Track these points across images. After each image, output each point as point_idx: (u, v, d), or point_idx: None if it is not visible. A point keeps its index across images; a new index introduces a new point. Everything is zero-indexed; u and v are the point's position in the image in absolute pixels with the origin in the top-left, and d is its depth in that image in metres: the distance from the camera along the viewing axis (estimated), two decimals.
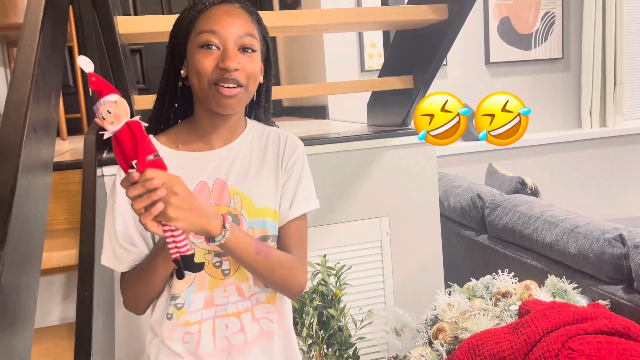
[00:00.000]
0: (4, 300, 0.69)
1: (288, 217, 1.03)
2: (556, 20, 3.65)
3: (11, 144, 0.85)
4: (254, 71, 0.97)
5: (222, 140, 1.03)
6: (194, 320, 0.98)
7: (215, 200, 0.99)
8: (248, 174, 1.01)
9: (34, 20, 1.09)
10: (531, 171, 3.28)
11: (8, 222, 0.74)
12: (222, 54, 0.94)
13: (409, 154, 2.02)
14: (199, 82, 0.95)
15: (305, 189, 1.06)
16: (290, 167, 1.04)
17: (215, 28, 0.94)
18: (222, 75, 0.93)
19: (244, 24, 0.96)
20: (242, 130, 1.06)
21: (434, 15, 1.70)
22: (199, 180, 0.99)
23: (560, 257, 1.85)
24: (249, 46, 0.95)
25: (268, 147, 1.05)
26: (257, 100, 1.09)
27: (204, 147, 1.02)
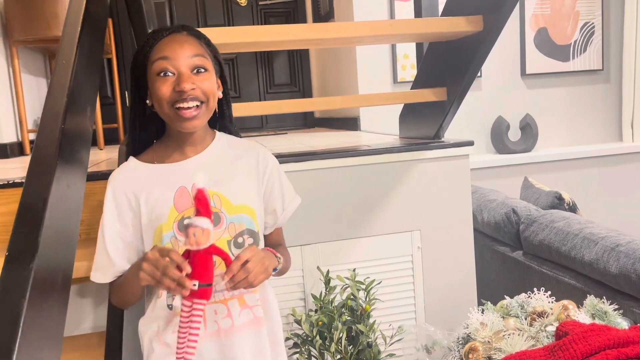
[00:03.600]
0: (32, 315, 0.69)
1: (285, 219, 1.24)
2: (596, 30, 3.55)
3: (46, 156, 0.86)
4: (210, 88, 1.07)
5: (194, 150, 1.15)
6: None
7: None
8: (223, 177, 1.13)
9: (71, 33, 1.11)
10: (569, 186, 3.19)
11: (39, 235, 0.75)
12: (177, 78, 1.04)
13: (441, 167, 1.99)
14: (160, 107, 1.07)
15: (288, 191, 1.23)
16: (269, 177, 1.19)
17: (166, 54, 1.05)
18: (180, 97, 1.04)
19: (193, 47, 1.07)
20: (210, 140, 1.18)
21: (469, 27, 1.67)
22: (178, 185, 1.10)
23: (600, 277, 1.78)
24: (201, 65, 1.07)
25: (240, 155, 1.18)
26: (221, 113, 1.20)
27: (178, 157, 1.14)
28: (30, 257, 0.72)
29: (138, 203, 1.09)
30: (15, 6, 2.72)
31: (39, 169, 0.84)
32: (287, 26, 1.60)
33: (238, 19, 3.99)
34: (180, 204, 1.09)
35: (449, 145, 1.98)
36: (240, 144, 1.22)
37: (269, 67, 4.09)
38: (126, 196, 1.10)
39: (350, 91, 3.31)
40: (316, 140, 2.59)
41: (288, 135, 3.31)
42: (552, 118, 3.60)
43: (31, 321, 0.69)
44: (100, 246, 1.11)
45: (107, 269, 1.11)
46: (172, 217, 1.08)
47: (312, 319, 1.67)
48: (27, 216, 0.78)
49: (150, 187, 1.10)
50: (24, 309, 0.68)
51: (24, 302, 0.69)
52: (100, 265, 1.12)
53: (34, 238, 0.74)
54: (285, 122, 4.12)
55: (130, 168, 1.15)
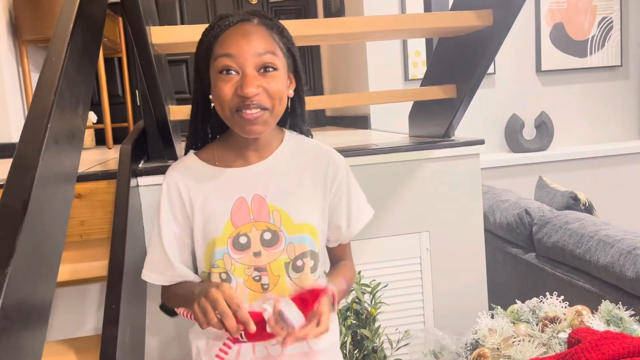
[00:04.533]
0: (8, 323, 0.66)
1: (350, 235, 1.10)
2: (614, 25, 3.45)
3: (28, 156, 0.83)
4: (277, 91, 0.94)
5: (258, 155, 1.03)
6: None
7: (254, 216, 1.00)
8: (287, 190, 1.01)
9: (63, 31, 1.08)
10: (585, 186, 3.09)
11: (17, 237, 0.72)
12: (241, 79, 0.92)
13: (451, 166, 1.93)
14: (221, 109, 0.96)
15: (358, 204, 1.09)
16: (337, 189, 1.05)
17: (231, 51, 0.92)
18: (243, 102, 0.92)
19: (262, 42, 0.94)
20: (278, 144, 1.05)
21: (478, 21, 1.61)
22: (237, 196, 1.00)
23: (616, 281, 1.71)
24: (270, 65, 0.93)
25: (308, 162, 1.05)
26: (292, 110, 1.07)
27: (240, 163, 1.03)
28: (4, 262, 0.69)
29: (192, 210, 1.00)
30: (24, 6, 2.72)
31: (20, 170, 0.81)
32: (290, 22, 1.55)
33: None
34: (238, 218, 0.99)
35: (458, 144, 1.92)
36: (310, 147, 1.08)
37: None
38: (181, 197, 1.01)
39: (360, 89, 3.26)
40: (325, 139, 2.55)
41: None
42: (569, 116, 3.51)
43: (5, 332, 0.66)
44: (157, 246, 1.01)
45: (165, 271, 1.02)
46: (228, 233, 0.99)
47: None
48: (5, 219, 0.75)
49: (207, 194, 1.01)
50: None
51: None
52: (157, 266, 1.03)
53: (10, 242, 0.71)
54: None
55: (188, 166, 1.04)
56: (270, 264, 1.00)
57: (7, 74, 2.70)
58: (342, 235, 1.09)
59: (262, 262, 1.00)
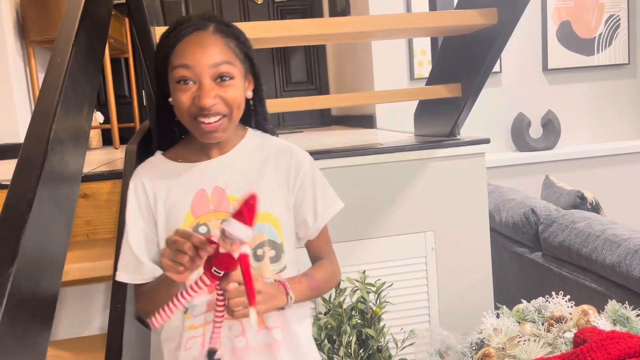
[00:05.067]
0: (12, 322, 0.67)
1: (317, 229, 1.10)
2: (621, 23, 3.43)
3: (33, 157, 0.84)
4: (234, 99, 0.97)
5: (219, 151, 1.05)
6: (199, 324, 1.01)
7: (214, 206, 1.02)
8: (248, 181, 1.03)
9: (68, 32, 1.09)
10: (592, 185, 3.07)
11: (21, 237, 0.72)
12: (198, 91, 0.94)
13: (456, 165, 1.93)
14: (180, 115, 0.98)
15: (324, 198, 1.09)
16: (301, 184, 1.06)
17: (187, 62, 0.94)
18: (201, 112, 0.94)
19: (219, 52, 0.95)
20: (239, 140, 1.08)
21: (483, 20, 1.61)
22: (198, 188, 1.02)
23: (623, 280, 1.70)
24: (226, 74, 0.95)
25: (270, 157, 1.07)
26: (255, 110, 1.09)
27: (201, 158, 1.05)
28: (9, 262, 0.70)
29: (156, 204, 1.03)
30: (31, 7, 2.74)
31: (25, 171, 0.81)
32: (294, 21, 1.56)
33: (254, 16, 3.97)
34: (198, 209, 1.01)
35: (464, 143, 1.91)
36: (273, 144, 1.10)
37: (285, 65, 4.06)
38: (146, 193, 1.03)
39: (366, 89, 3.26)
40: (331, 139, 2.55)
41: (304, 133, 3.28)
42: (576, 114, 3.49)
43: (8, 331, 0.66)
44: (125, 245, 1.03)
45: (136, 269, 1.02)
46: (188, 223, 1.01)
47: (321, 322, 1.63)
48: (9, 219, 0.75)
49: (169, 188, 1.03)
50: (0, 316, 0.66)
51: (0, 309, 0.66)
52: (127, 265, 1.03)
53: (14, 242, 0.72)
54: (302, 121, 4.09)
55: (154, 164, 1.07)
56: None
57: (14, 75, 2.72)
58: (309, 230, 1.09)
59: None
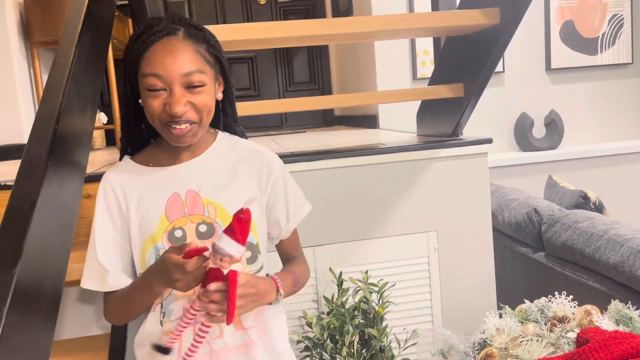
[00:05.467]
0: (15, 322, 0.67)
1: (289, 230, 1.13)
2: (625, 23, 3.42)
3: (36, 157, 0.84)
4: (205, 104, 0.97)
5: (190, 154, 1.06)
6: None
7: (189, 210, 1.02)
8: (221, 184, 1.04)
9: (71, 33, 1.09)
10: (595, 184, 3.07)
11: (25, 238, 0.73)
12: (169, 98, 0.94)
13: (459, 165, 1.93)
14: (152, 120, 0.98)
15: (295, 200, 1.12)
16: (273, 186, 1.09)
17: (158, 71, 0.93)
18: (172, 119, 0.95)
19: (189, 60, 0.95)
20: (210, 143, 1.08)
21: (485, 19, 1.61)
22: (171, 192, 1.02)
23: (626, 280, 1.70)
24: (197, 83, 0.95)
25: (241, 159, 1.09)
26: (223, 112, 1.10)
27: (173, 161, 1.05)
28: (12, 262, 0.70)
29: (128, 210, 1.02)
30: (35, 8, 2.75)
31: (29, 171, 0.82)
32: (297, 22, 1.56)
33: (257, 17, 3.97)
34: (172, 213, 1.01)
35: (466, 143, 1.91)
36: (244, 146, 1.12)
37: (288, 65, 4.07)
38: (117, 200, 1.03)
39: (369, 89, 3.26)
40: (333, 139, 2.55)
41: (306, 133, 3.28)
42: (579, 114, 3.48)
43: (12, 331, 0.67)
44: (91, 253, 1.02)
45: (102, 278, 1.01)
46: (163, 227, 1.00)
47: (323, 322, 1.63)
48: (13, 219, 0.76)
49: (141, 193, 1.03)
50: (4, 316, 0.66)
51: (4, 309, 0.67)
52: (91, 273, 1.02)
53: (18, 242, 0.72)
54: (304, 121, 4.09)
55: (123, 169, 1.06)
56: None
57: (18, 76, 2.73)
58: (282, 231, 1.12)
59: None
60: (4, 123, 2.68)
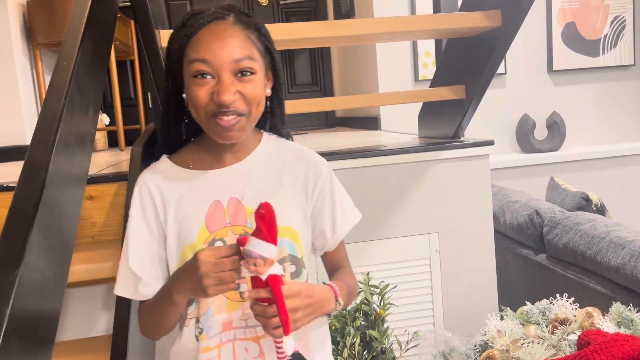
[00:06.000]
0: (18, 323, 0.68)
1: (336, 241, 1.03)
2: (627, 24, 3.42)
3: (39, 159, 0.85)
4: (254, 95, 0.89)
5: (234, 157, 0.98)
6: (214, 345, 0.93)
7: (230, 220, 0.94)
8: (265, 192, 0.95)
9: (74, 35, 1.10)
10: (597, 186, 3.07)
11: (27, 239, 0.73)
12: (217, 86, 0.87)
13: (460, 167, 1.93)
14: (197, 113, 0.90)
15: (342, 208, 1.02)
16: (320, 193, 0.99)
17: (206, 57, 0.86)
18: (219, 109, 0.87)
19: (239, 46, 0.88)
20: (255, 145, 1.00)
21: (487, 22, 1.61)
22: (212, 199, 0.94)
23: (628, 283, 1.70)
24: (247, 69, 0.88)
25: (287, 164, 1.00)
26: (271, 111, 1.01)
27: (215, 165, 0.97)
28: (15, 263, 0.71)
29: (166, 216, 0.94)
30: (38, 10, 2.77)
31: (31, 173, 0.82)
32: (299, 24, 1.57)
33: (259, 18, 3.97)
34: (213, 223, 0.93)
35: (468, 145, 1.92)
36: (290, 149, 1.02)
37: (290, 66, 4.07)
38: (154, 203, 0.94)
39: (370, 90, 3.26)
40: (335, 141, 2.56)
41: (308, 135, 3.29)
42: (581, 116, 3.48)
43: (14, 332, 0.67)
44: (124, 259, 0.94)
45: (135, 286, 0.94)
46: (203, 238, 0.92)
47: None
48: (16, 221, 0.76)
49: (180, 198, 0.94)
50: (7, 317, 0.66)
51: (6, 310, 0.67)
52: (124, 280, 0.95)
53: (20, 243, 0.73)
54: (307, 122, 4.09)
55: (161, 170, 0.97)
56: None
57: (21, 77, 2.74)
58: (327, 242, 1.02)
59: None
60: (7, 124, 2.69)
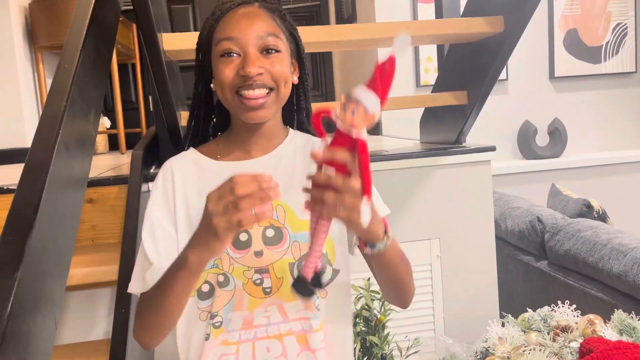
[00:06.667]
0: (16, 326, 0.67)
1: None
2: (628, 31, 3.42)
3: (39, 162, 0.84)
4: (282, 72, 0.90)
5: (262, 149, 0.98)
6: (232, 341, 0.91)
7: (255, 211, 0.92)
8: (292, 183, 0.91)
9: (76, 37, 1.09)
10: (599, 193, 3.06)
11: (26, 242, 0.73)
12: (243, 60, 0.89)
13: (462, 172, 1.92)
14: (222, 92, 0.91)
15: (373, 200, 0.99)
16: None
17: (232, 34, 0.89)
18: (244, 82, 0.88)
19: (265, 24, 0.90)
20: (282, 139, 1.00)
21: (489, 28, 1.61)
22: None
23: (629, 290, 1.69)
24: (273, 47, 0.90)
25: None
26: (297, 103, 1.02)
27: (243, 156, 0.97)
28: (15, 266, 0.70)
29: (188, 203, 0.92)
30: (40, 13, 2.77)
31: (31, 176, 0.82)
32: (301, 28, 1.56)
33: None
34: None
35: (469, 151, 1.91)
36: (317, 143, 1.00)
37: None
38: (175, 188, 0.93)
39: None
40: None
41: None
42: (582, 122, 3.48)
43: (13, 336, 0.66)
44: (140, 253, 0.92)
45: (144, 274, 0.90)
46: None
47: None
48: (15, 223, 0.75)
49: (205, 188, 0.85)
50: (6, 320, 0.66)
51: (5, 313, 0.66)
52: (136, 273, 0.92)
53: (20, 246, 0.72)
54: None
55: (188, 158, 0.98)
56: (273, 264, 0.92)
57: (22, 79, 2.74)
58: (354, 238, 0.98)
59: (263, 263, 0.92)
60: (8, 127, 2.69)
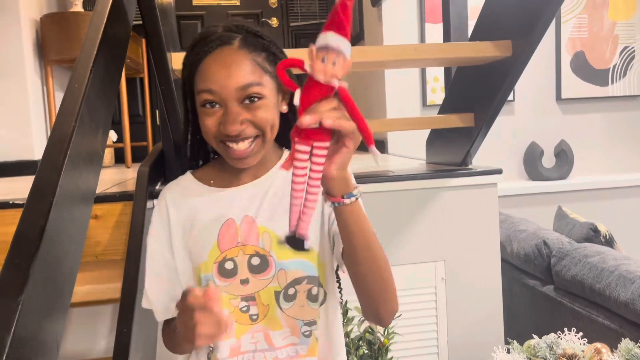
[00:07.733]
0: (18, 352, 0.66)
1: None
2: (636, 55, 3.42)
3: (47, 182, 0.84)
4: (265, 119, 0.88)
5: (252, 175, 0.97)
6: None
7: (242, 239, 0.92)
8: (280, 210, 0.92)
9: (86, 58, 1.10)
10: (606, 217, 3.03)
11: (31, 266, 0.72)
12: (224, 116, 0.87)
13: (468, 195, 1.91)
14: (208, 139, 0.92)
15: None
16: None
17: (212, 87, 0.86)
18: (228, 137, 0.88)
19: (245, 73, 0.86)
20: (274, 163, 0.99)
21: (497, 52, 1.61)
22: (227, 217, 0.93)
23: (637, 318, 1.66)
24: (255, 95, 0.87)
25: None
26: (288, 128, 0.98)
27: (233, 182, 0.97)
28: (19, 289, 0.69)
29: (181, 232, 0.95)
30: (51, 27, 2.80)
31: (39, 196, 0.82)
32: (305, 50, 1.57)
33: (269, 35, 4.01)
34: (225, 242, 0.92)
35: (476, 173, 1.90)
36: None
37: None
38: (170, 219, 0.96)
39: (378, 114, 3.27)
40: None
41: None
42: (589, 144, 3.47)
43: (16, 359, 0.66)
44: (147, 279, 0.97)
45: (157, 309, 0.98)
46: (214, 257, 0.92)
47: None
48: (20, 245, 0.75)
49: (196, 215, 0.95)
50: (7, 345, 0.65)
51: (7, 338, 0.66)
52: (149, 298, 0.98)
53: (25, 269, 0.72)
54: None
55: (184, 185, 1.00)
56: (259, 292, 0.92)
57: (31, 92, 2.76)
58: None
59: (249, 291, 0.92)
60: (16, 139, 2.71)
